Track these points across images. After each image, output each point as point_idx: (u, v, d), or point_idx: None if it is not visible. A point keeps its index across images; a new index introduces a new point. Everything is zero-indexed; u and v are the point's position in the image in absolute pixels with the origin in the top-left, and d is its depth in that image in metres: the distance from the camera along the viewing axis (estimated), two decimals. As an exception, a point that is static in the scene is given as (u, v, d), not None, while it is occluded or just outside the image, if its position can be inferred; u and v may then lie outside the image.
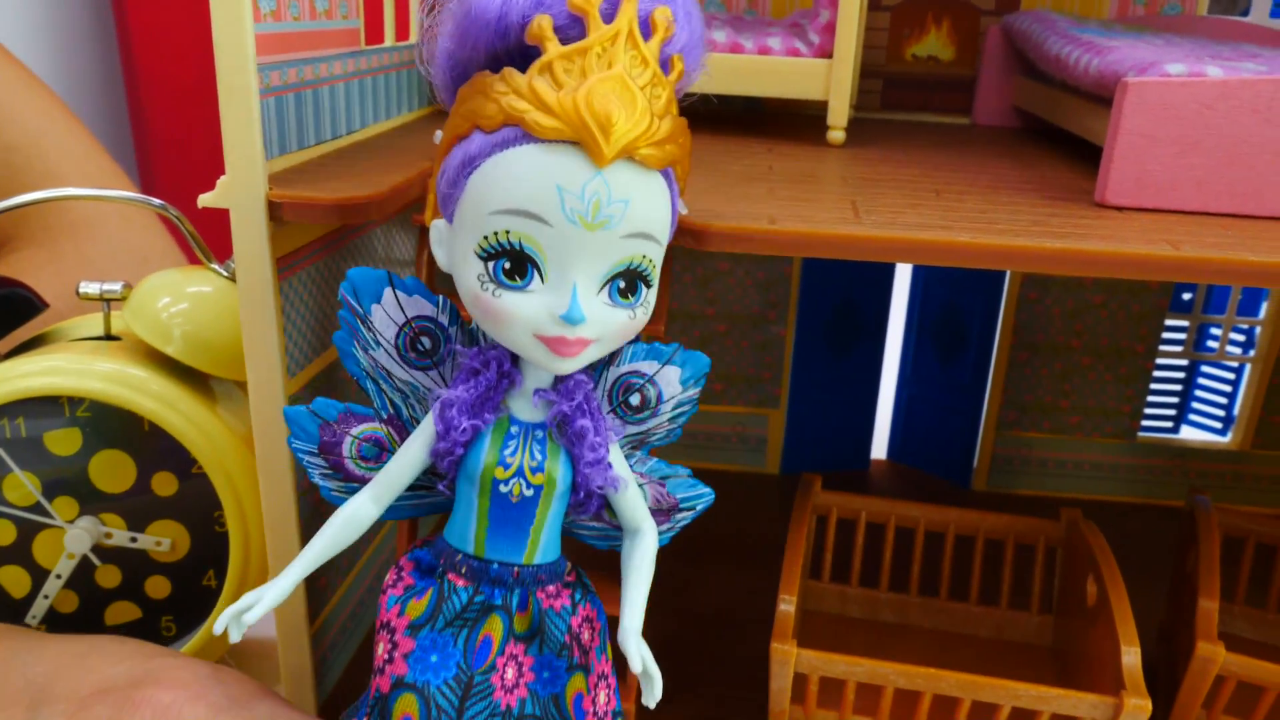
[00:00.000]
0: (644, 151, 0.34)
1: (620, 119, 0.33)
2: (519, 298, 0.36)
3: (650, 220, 0.36)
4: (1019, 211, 0.48)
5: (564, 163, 0.34)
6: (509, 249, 0.35)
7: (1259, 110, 0.47)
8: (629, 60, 0.35)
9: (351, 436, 0.43)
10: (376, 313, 0.41)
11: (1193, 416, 0.94)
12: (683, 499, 0.45)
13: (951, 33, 0.80)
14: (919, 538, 0.69)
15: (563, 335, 0.36)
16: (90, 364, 0.55)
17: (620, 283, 0.36)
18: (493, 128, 0.35)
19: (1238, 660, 0.53)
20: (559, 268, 0.35)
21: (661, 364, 0.42)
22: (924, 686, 0.52)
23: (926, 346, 0.92)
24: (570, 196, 0.34)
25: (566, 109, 0.33)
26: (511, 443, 0.40)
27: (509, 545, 0.41)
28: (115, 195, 0.58)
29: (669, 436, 0.44)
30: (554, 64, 0.34)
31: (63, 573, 0.57)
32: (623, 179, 0.34)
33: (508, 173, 0.35)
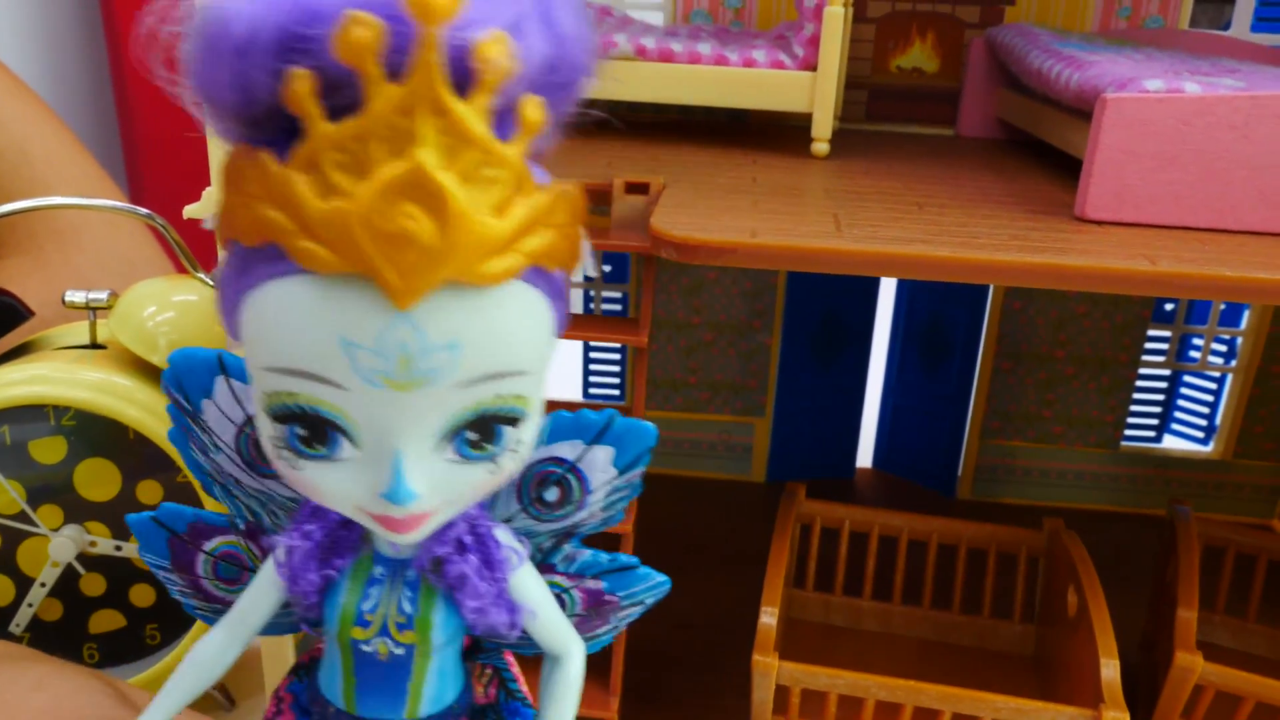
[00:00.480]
0: (476, 270, 0.23)
1: (424, 237, 0.22)
2: (327, 469, 0.26)
3: (500, 356, 0.25)
4: (999, 225, 0.48)
5: (351, 305, 0.23)
6: (299, 414, 0.25)
7: (1236, 126, 0.48)
8: (434, 135, 0.22)
9: (205, 554, 0.35)
10: (208, 409, 0.32)
11: (1175, 426, 0.95)
12: (625, 595, 0.36)
13: (936, 45, 0.80)
14: (902, 547, 0.70)
15: (388, 514, 0.27)
16: (76, 373, 0.55)
17: (470, 434, 0.26)
18: (253, 245, 0.24)
19: (1215, 670, 0.53)
20: (374, 434, 0.25)
21: (587, 444, 0.32)
22: (905, 699, 0.53)
23: (911, 356, 0.92)
24: (364, 354, 0.23)
25: (336, 232, 0.22)
26: (373, 591, 0.31)
27: (384, 704, 0.32)
28: (101, 204, 0.58)
29: (605, 524, 0.35)
30: (320, 155, 0.22)
31: (47, 581, 0.57)
32: (445, 316, 0.23)
33: (279, 315, 0.24)
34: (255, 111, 0.24)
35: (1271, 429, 0.88)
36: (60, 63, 1.41)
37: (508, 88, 0.23)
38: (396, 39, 0.21)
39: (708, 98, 0.65)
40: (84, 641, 0.59)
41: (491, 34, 0.22)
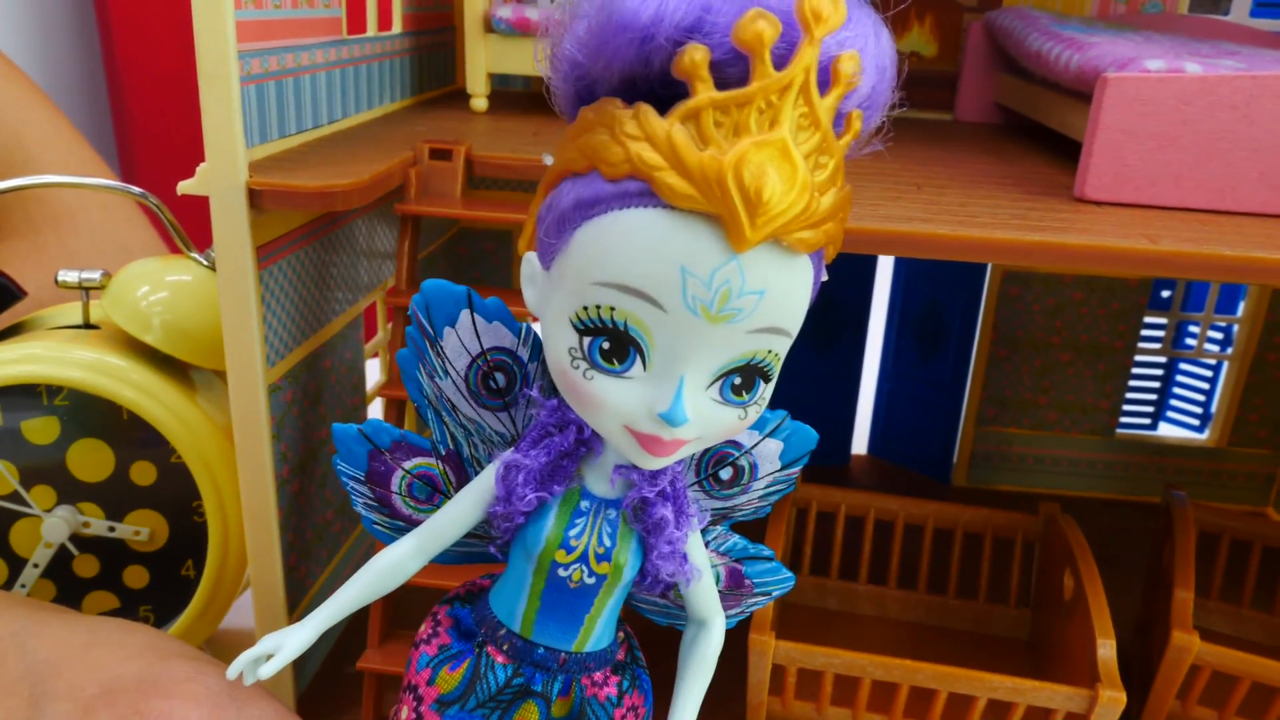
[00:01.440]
0: (796, 235, 0.28)
1: (775, 196, 0.27)
2: (614, 384, 0.30)
3: (786, 314, 0.29)
4: (999, 205, 0.48)
5: (695, 240, 0.28)
6: (610, 327, 0.29)
7: (1237, 107, 0.47)
8: (796, 119, 0.28)
9: (403, 470, 0.38)
10: (449, 338, 0.35)
11: (1170, 413, 0.95)
12: (759, 583, 0.40)
13: (934, 29, 0.80)
14: (898, 531, 0.70)
15: (658, 434, 0.30)
16: (69, 352, 0.54)
17: (735, 379, 0.30)
18: (615, 177, 0.28)
19: (1212, 650, 0.53)
20: (667, 357, 0.29)
21: (762, 435, 0.37)
22: (901, 678, 0.53)
23: (907, 342, 0.92)
24: (695, 282, 0.28)
25: (709, 175, 0.27)
26: (579, 521, 0.34)
27: (559, 631, 0.36)
28: (94, 183, 0.58)
29: (756, 513, 0.39)
30: (702, 113, 0.27)
31: (40, 562, 0.57)
32: (763, 267, 0.28)
33: (625, 239, 0.28)
34: (643, 73, 0.29)
35: (1267, 417, 0.88)
36: (52, 48, 1.40)
37: (847, 98, 0.29)
38: (785, 38, 0.27)
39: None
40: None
41: (851, 52, 0.28)
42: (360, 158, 0.50)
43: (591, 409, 0.31)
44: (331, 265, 0.57)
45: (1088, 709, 0.51)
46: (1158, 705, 0.56)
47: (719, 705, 0.61)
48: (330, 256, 0.56)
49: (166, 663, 0.45)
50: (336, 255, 0.57)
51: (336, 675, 0.60)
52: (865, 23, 0.30)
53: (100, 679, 0.44)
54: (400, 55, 0.67)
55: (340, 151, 0.51)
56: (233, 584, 0.58)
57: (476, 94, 0.68)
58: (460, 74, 0.79)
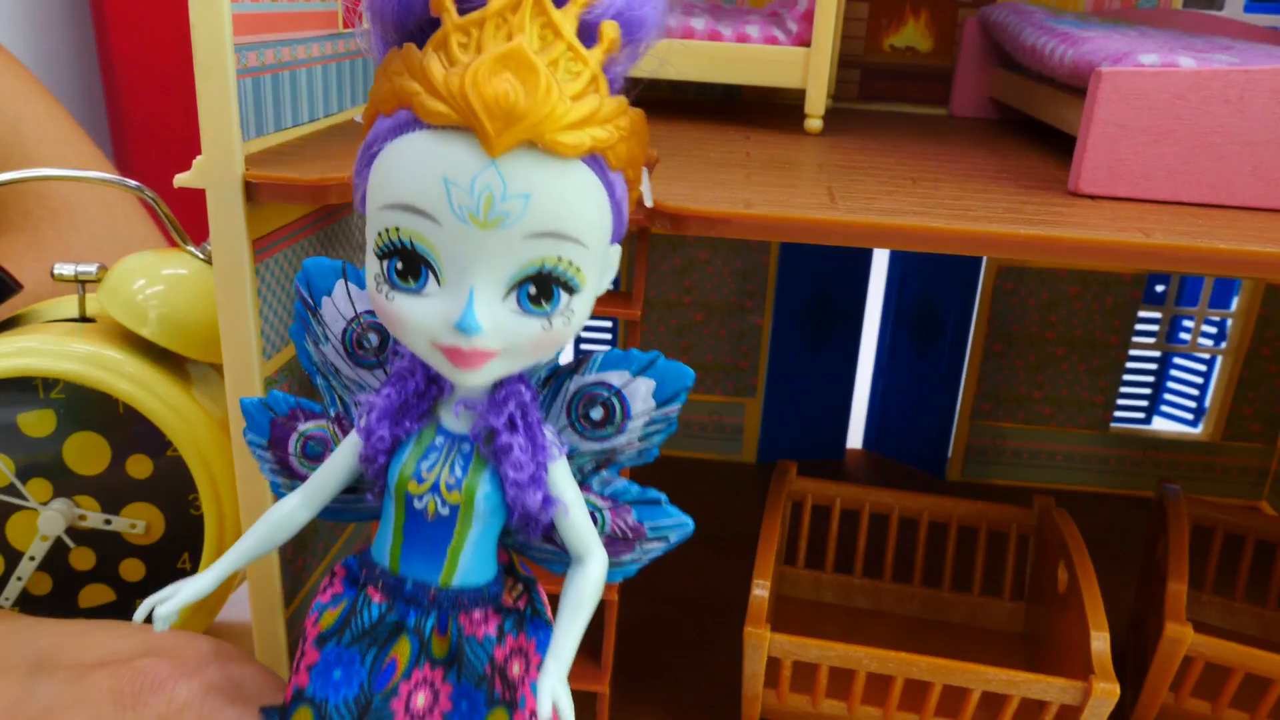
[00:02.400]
0: (551, 137, 0.30)
1: (515, 100, 0.29)
2: (413, 301, 0.32)
3: (562, 217, 0.31)
4: (993, 199, 0.48)
5: (453, 152, 0.30)
6: (400, 247, 0.31)
7: (1230, 101, 0.48)
8: (535, 30, 0.30)
9: (298, 433, 0.41)
10: (327, 306, 0.39)
11: (1164, 408, 0.95)
12: (651, 527, 0.40)
13: (929, 23, 0.80)
14: (893, 524, 0.70)
15: (457, 345, 0.32)
16: (65, 345, 0.54)
17: (530, 288, 0.32)
18: (389, 111, 0.31)
19: (1205, 641, 0.53)
20: (455, 270, 0.31)
21: (633, 375, 0.38)
22: (896, 671, 0.53)
23: (902, 337, 0.92)
24: (458, 191, 0.30)
25: (453, 90, 0.29)
26: (432, 455, 0.36)
27: (424, 564, 0.37)
28: (91, 176, 0.58)
29: (641, 456, 0.40)
30: (449, 38, 0.30)
31: (36, 555, 0.57)
32: (524, 171, 0.30)
33: (398, 163, 0.31)
34: (408, 20, 0.32)
35: (1260, 411, 0.89)
36: (47, 41, 1.40)
37: (590, 10, 0.31)
38: None
39: (701, 73, 0.64)
40: (74, 615, 0.59)
41: None
42: (356, 151, 0.50)
43: (399, 329, 0.33)
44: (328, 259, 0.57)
45: (1082, 701, 0.51)
46: (1151, 697, 0.56)
47: (714, 698, 0.62)
48: (327, 250, 0.56)
49: (159, 636, 0.48)
50: (333, 248, 0.58)
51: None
52: None
53: (97, 654, 0.47)
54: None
55: (336, 145, 0.51)
56: (230, 578, 0.59)
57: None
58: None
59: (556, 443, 0.37)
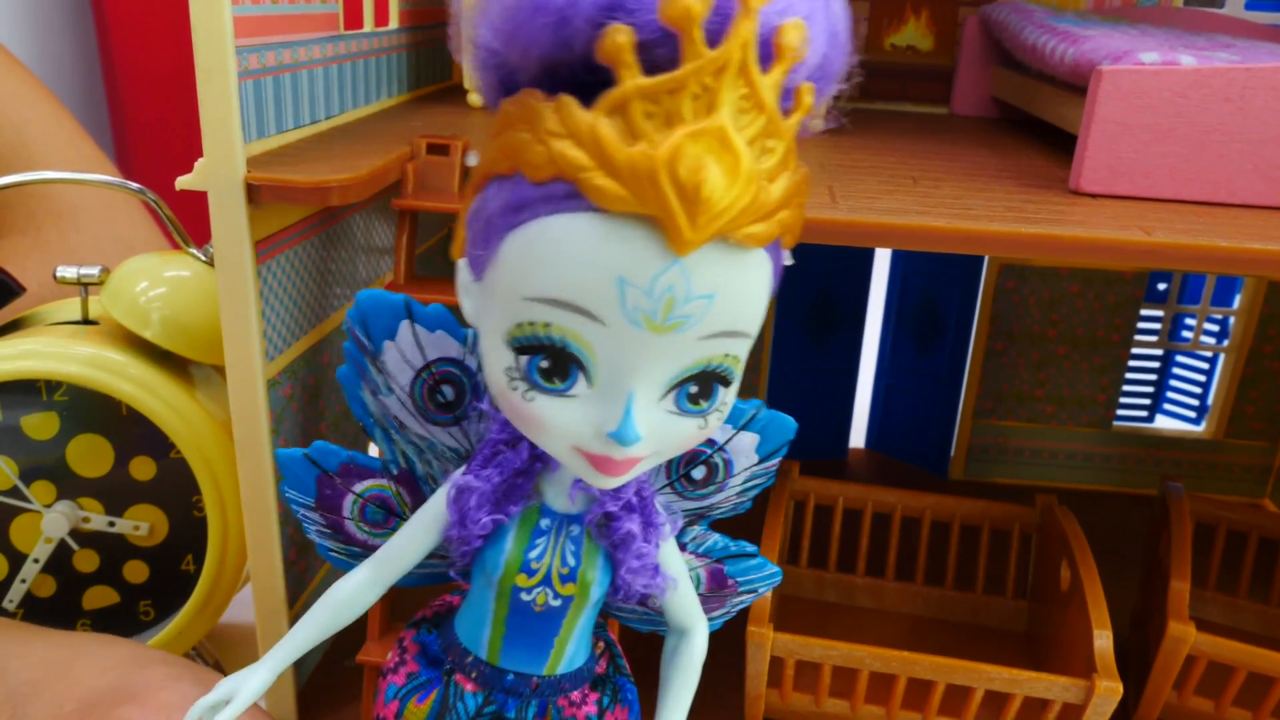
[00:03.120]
0: (746, 231, 0.25)
1: (716, 191, 0.24)
2: (557, 404, 0.28)
3: (741, 315, 0.27)
4: (994, 198, 0.48)
5: (631, 246, 0.25)
6: (547, 345, 0.27)
7: (1231, 99, 0.48)
8: (736, 101, 0.25)
9: (354, 495, 0.36)
10: (389, 351, 0.34)
11: (1167, 406, 0.95)
12: (743, 581, 0.39)
13: (930, 23, 0.80)
14: (895, 523, 0.70)
15: (608, 455, 0.28)
16: (68, 348, 0.55)
17: (691, 387, 0.28)
18: (540, 179, 0.26)
19: (1208, 640, 0.53)
20: (612, 373, 0.27)
21: (736, 429, 0.35)
22: (899, 670, 0.53)
23: (904, 336, 0.92)
24: (634, 292, 0.25)
25: (641, 174, 0.24)
26: (540, 541, 0.32)
27: (528, 656, 0.34)
28: (92, 179, 0.58)
29: (735, 509, 0.37)
30: (630, 103, 0.24)
31: (40, 557, 0.57)
32: (710, 269, 0.25)
33: (554, 248, 0.26)
34: (565, 59, 0.26)
35: (1263, 409, 0.89)
36: (49, 44, 1.40)
37: (794, 72, 0.26)
38: (718, 10, 0.24)
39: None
40: (77, 618, 0.59)
41: (795, 20, 0.25)
42: (357, 153, 0.50)
43: (536, 430, 0.29)
44: (330, 260, 0.57)
45: (1084, 699, 0.51)
46: (1154, 696, 0.56)
47: (717, 697, 0.62)
48: (328, 252, 0.57)
49: (143, 671, 0.45)
50: (335, 250, 0.58)
51: (337, 669, 0.60)
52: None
53: (79, 694, 0.44)
54: (397, 51, 0.67)
55: (338, 146, 0.52)
56: (233, 579, 0.59)
57: (473, 89, 0.68)
58: (457, 69, 0.79)
59: (669, 520, 0.34)
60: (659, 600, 0.35)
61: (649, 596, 0.35)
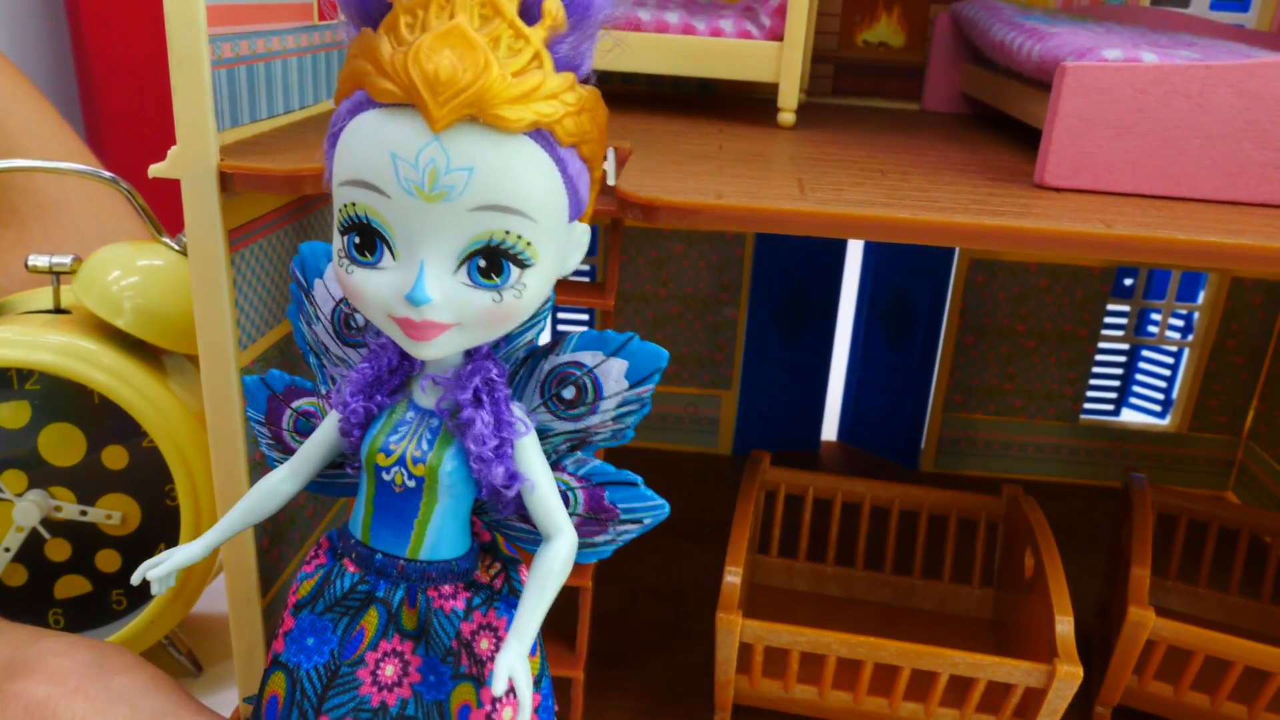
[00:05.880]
0: (492, 112, 0.30)
1: (453, 75, 0.30)
2: (370, 274, 0.33)
3: (506, 191, 0.31)
4: (960, 191, 0.49)
5: (400, 128, 0.31)
6: (357, 222, 0.33)
7: (1191, 95, 0.49)
8: (476, 10, 0.31)
9: (291, 409, 0.43)
10: (318, 288, 0.41)
11: (1133, 400, 0.97)
12: (625, 509, 0.41)
13: (902, 19, 0.81)
14: (865, 513, 0.71)
15: (409, 316, 0.33)
16: (39, 336, 0.55)
17: (480, 261, 0.32)
18: (348, 93, 0.33)
19: (1167, 625, 0.54)
20: (407, 244, 0.32)
21: (606, 355, 0.38)
22: (865, 655, 0.54)
23: (876, 330, 0.93)
24: (404, 164, 0.31)
25: (397, 68, 0.30)
26: (402, 429, 0.37)
27: (392, 536, 0.38)
28: (64, 167, 0.58)
29: (616, 437, 0.40)
30: (398, 20, 0.31)
31: (11, 546, 0.57)
32: (467, 145, 0.31)
33: (353, 140, 0.32)
34: (370, 6, 0.33)
35: (1226, 403, 0.90)
36: (20, 34, 1.39)
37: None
38: None
39: (674, 67, 0.65)
40: (49, 607, 0.59)
41: None
42: (331, 142, 0.50)
43: (358, 302, 0.34)
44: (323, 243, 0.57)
45: (1046, 683, 0.52)
46: (1115, 680, 0.57)
47: (688, 684, 0.63)
48: (302, 240, 0.57)
49: (36, 644, 0.45)
50: (308, 239, 0.58)
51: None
52: None
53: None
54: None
55: (312, 136, 0.52)
56: (205, 568, 0.59)
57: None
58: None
59: (524, 419, 0.37)
60: (525, 499, 0.37)
61: (518, 505, 0.37)
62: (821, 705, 0.57)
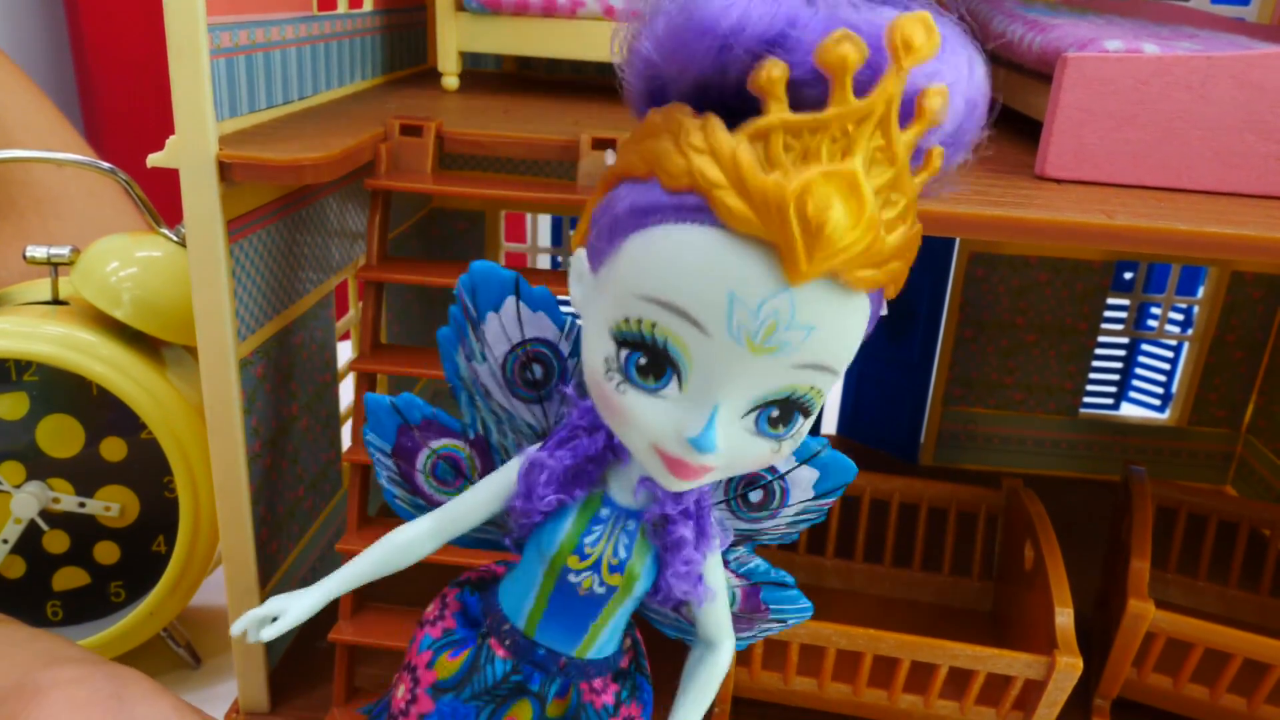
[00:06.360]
0: (856, 273, 0.27)
1: (838, 231, 0.26)
2: (646, 401, 0.29)
3: (835, 352, 0.28)
4: (962, 182, 0.49)
5: (747, 266, 0.26)
6: (649, 343, 0.28)
7: (1192, 87, 0.48)
8: (871, 151, 0.26)
9: (429, 450, 0.38)
10: (491, 322, 0.35)
11: (1132, 393, 0.97)
12: (775, 610, 0.40)
13: (902, 12, 0.81)
14: (864, 506, 0.71)
15: (684, 459, 0.29)
16: (37, 327, 0.54)
17: (773, 411, 0.29)
18: (674, 188, 0.27)
19: (1166, 617, 0.54)
20: (704, 382, 0.28)
21: (799, 462, 0.36)
22: (864, 647, 0.54)
23: (876, 324, 0.93)
24: (742, 310, 0.27)
25: (770, 201, 0.26)
26: (597, 529, 0.34)
27: (563, 635, 0.36)
28: (62, 158, 0.58)
29: (782, 539, 0.39)
30: (773, 134, 0.26)
31: (9, 538, 0.57)
32: (816, 303, 0.27)
33: (675, 254, 0.27)
34: (717, 82, 0.28)
35: (1225, 396, 0.90)
36: (18, 28, 1.39)
37: (930, 133, 0.27)
38: (870, 63, 0.25)
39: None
40: (47, 599, 0.59)
41: (939, 86, 0.27)
42: (330, 133, 0.50)
43: (620, 422, 0.30)
44: (302, 242, 0.57)
45: (1046, 675, 0.52)
46: (1114, 672, 0.57)
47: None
48: (301, 233, 0.57)
49: (54, 669, 0.44)
50: (307, 232, 0.58)
51: (309, 650, 0.60)
52: (960, 54, 0.28)
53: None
54: (371, 33, 0.67)
55: (310, 127, 0.52)
56: (204, 560, 0.59)
57: (448, 72, 0.68)
58: (432, 53, 0.79)
59: (719, 534, 0.35)
60: (695, 609, 0.36)
61: (684, 604, 0.36)
62: (821, 697, 0.57)
